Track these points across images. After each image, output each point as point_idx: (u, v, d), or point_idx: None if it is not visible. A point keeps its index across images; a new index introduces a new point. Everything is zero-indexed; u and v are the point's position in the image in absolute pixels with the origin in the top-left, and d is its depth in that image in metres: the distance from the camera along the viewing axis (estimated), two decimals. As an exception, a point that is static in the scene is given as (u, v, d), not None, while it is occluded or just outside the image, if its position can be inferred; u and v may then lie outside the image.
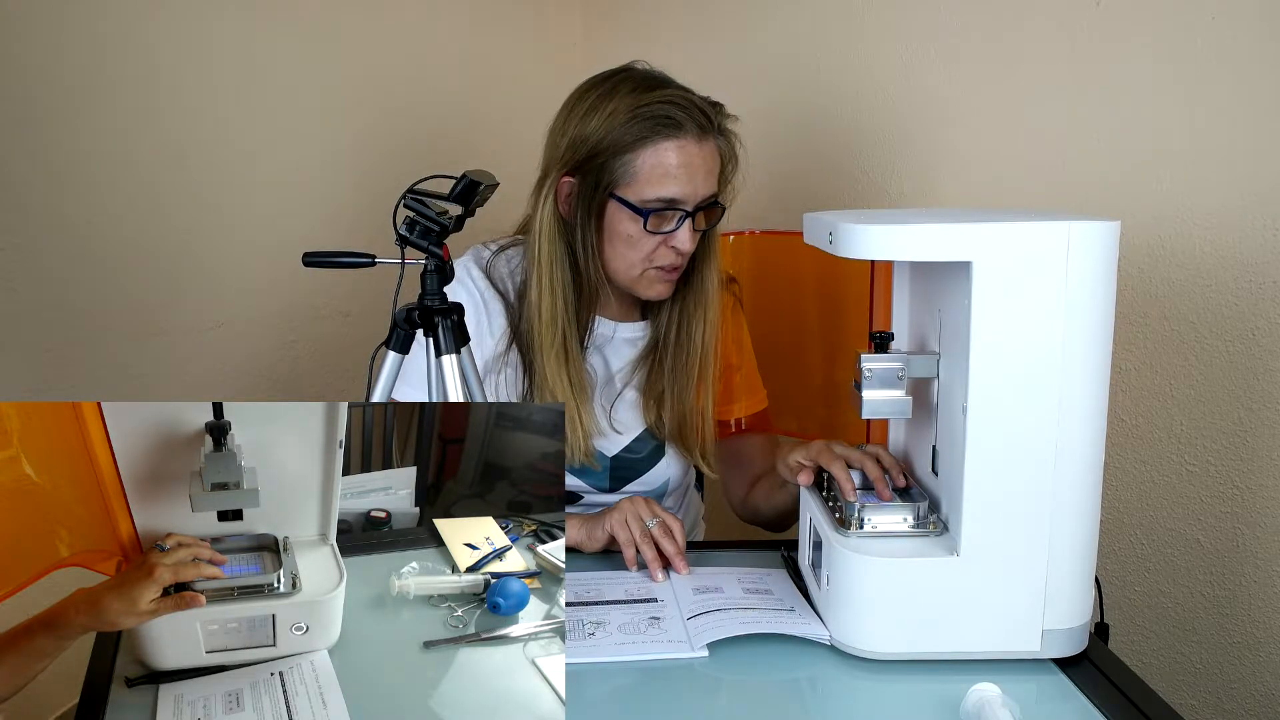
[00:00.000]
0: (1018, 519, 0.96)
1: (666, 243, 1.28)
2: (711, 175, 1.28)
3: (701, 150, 1.26)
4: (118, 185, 1.68)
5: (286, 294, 1.88)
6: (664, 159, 1.24)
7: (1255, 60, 1.29)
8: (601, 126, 1.25)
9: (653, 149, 1.24)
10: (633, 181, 1.25)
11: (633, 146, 1.24)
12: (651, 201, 1.25)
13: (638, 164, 1.25)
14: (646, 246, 1.28)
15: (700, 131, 1.26)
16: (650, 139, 1.24)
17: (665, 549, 1.18)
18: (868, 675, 0.98)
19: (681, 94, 1.27)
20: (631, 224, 1.27)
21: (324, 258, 1.06)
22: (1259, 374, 1.32)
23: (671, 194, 1.25)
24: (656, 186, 1.25)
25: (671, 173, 1.25)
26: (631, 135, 1.24)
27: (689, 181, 1.25)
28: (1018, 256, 0.92)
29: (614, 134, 1.24)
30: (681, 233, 1.27)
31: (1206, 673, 1.42)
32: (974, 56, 1.58)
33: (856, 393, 1.06)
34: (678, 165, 1.25)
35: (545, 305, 1.30)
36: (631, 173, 1.25)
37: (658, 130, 1.24)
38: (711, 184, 1.29)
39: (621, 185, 1.26)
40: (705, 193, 1.28)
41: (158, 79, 1.70)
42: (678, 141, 1.25)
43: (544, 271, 1.30)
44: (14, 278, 1.59)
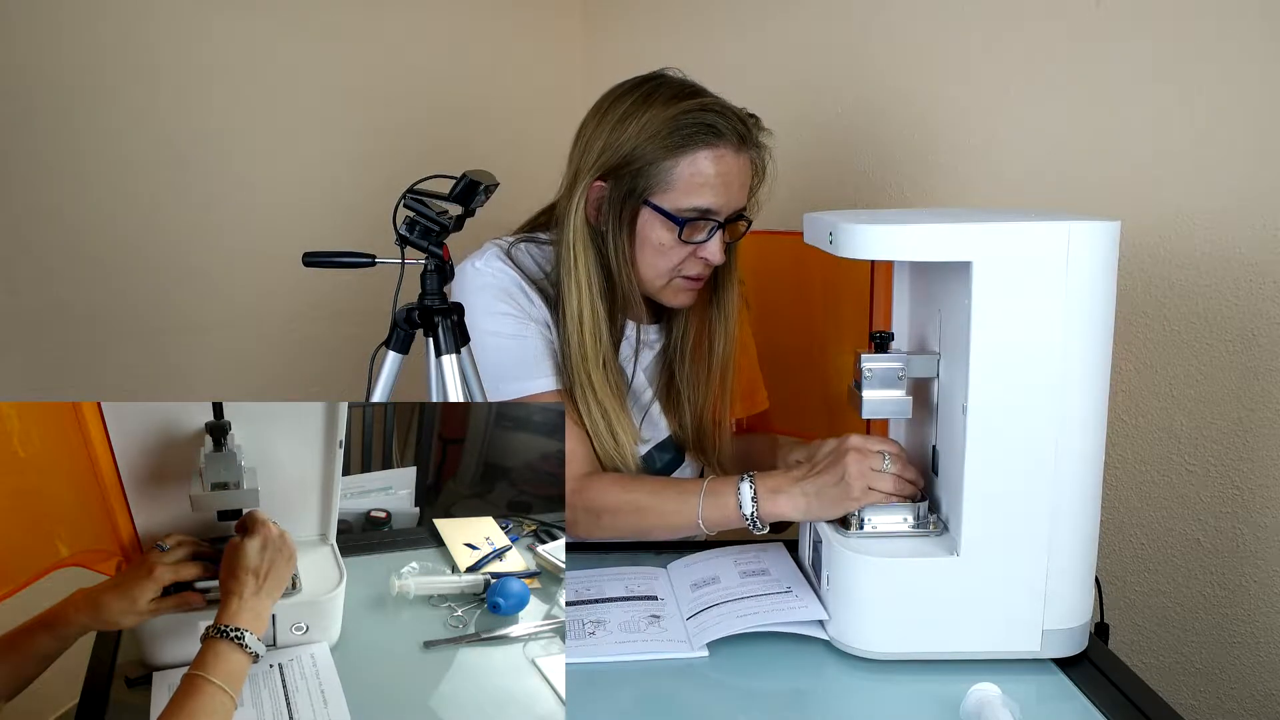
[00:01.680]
0: (1018, 519, 0.96)
1: (697, 253, 1.27)
2: (744, 187, 1.28)
3: (739, 161, 1.26)
4: (118, 185, 1.68)
5: (286, 294, 1.88)
6: (702, 168, 1.23)
7: (1255, 60, 1.29)
8: (639, 133, 1.24)
9: (691, 157, 1.23)
10: (669, 189, 1.24)
11: (671, 154, 1.23)
12: (686, 210, 1.24)
13: (676, 172, 1.24)
14: (677, 256, 1.27)
15: (739, 142, 1.25)
16: (689, 147, 1.23)
17: (908, 476, 1.08)
18: (868, 675, 0.99)
19: (721, 104, 1.26)
20: (665, 232, 1.26)
21: (324, 258, 1.06)
22: (1259, 374, 1.32)
23: (707, 204, 1.24)
24: (693, 196, 1.24)
25: (709, 182, 1.24)
26: (671, 143, 1.23)
27: (725, 192, 1.25)
28: (1018, 256, 0.92)
29: (652, 141, 1.23)
30: (713, 244, 1.27)
31: (1206, 672, 1.42)
32: (974, 56, 1.58)
33: (856, 393, 1.06)
34: (715, 175, 1.24)
35: (587, 316, 1.28)
36: (669, 180, 1.24)
37: (697, 139, 1.23)
38: (743, 196, 1.28)
39: (657, 193, 1.25)
40: (738, 204, 1.28)
41: (158, 79, 1.70)
42: (716, 151, 1.24)
43: (582, 280, 1.28)
44: (14, 278, 1.59)
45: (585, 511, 1.23)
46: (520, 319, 1.28)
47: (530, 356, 1.27)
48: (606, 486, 1.24)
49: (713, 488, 1.16)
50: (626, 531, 1.22)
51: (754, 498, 1.12)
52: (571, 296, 1.28)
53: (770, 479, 1.13)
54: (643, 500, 1.20)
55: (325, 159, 1.92)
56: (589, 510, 1.22)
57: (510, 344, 1.27)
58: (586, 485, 1.24)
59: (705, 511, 1.15)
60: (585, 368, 1.28)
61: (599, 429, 1.29)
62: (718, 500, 1.15)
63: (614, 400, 1.29)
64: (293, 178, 1.88)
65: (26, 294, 1.60)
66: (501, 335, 1.27)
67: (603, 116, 1.28)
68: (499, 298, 1.28)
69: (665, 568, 1.19)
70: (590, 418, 1.29)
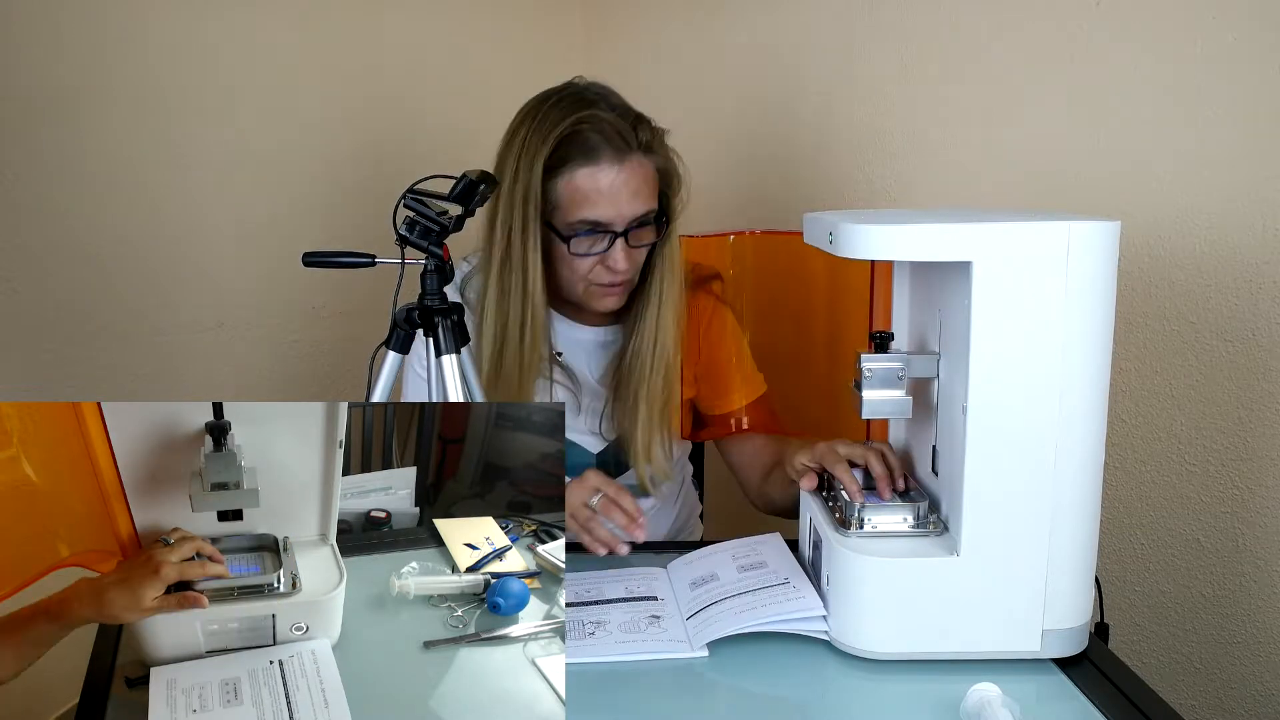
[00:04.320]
0: (1018, 519, 0.96)
1: (602, 262, 1.30)
2: (639, 194, 1.28)
3: (622, 171, 1.26)
4: (117, 185, 1.68)
5: (286, 294, 1.88)
6: (581, 184, 1.26)
7: (1255, 60, 1.29)
8: (522, 156, 1.27)
9: (567, 177, 1.26)
10: (556, 207, 1.28)
11: (550, 175, 1.26)
12: (577, 225, 1.27)
13: (557, 191, 1.27)
14: (582, 267, 1.30)
15: (616, 153, 1.26)
16: (565, 167, 1.26)
17: (617, 522, 1.20)
18: (868, 675, 0.98)
19: (596, 116, 1.27)
20: (562, 246, 1.29)
21: (324, 258, 1.06)
22: (1259, 374, 1.32)
23: (594, 217, 1.27)
24: (577, 211, 1.27)
25: (590, 198, 1.26)
26: (550, 164, 1.26)
27: (611, 204, 1.26)
28: (1018, 256, 0.92)
29: (534, 164, 1.26)
30: (614, 253, 1.29)
31: (1206, 672, 1.42)
32: (974, 56, 1.58)
33: (856, 393, 1.06)
34: (595, 190, 1.26)
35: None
36: (553, 199, 1.27)
37: (572, 158, 1.26)
38: (640, 202, 1.29)
39: (548, 211, 1.28)
40: (634, 212, 1.28)
41: (158, 79, 1.70)
42: (592, 167, 1.26)
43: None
44: (14, 278, 1.59)
45: None
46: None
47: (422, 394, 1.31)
48: None
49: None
50: None
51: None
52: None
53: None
54: None
55: (325, 159, 1.92)
56: None
57: (415, 380, 1.34)
58: None
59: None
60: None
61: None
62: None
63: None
64: (293, 178, 1.88)
65: (26, 294, 1.61)
66: (413, 371, 1.34)
67: (508, 138, 1.31)
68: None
69: (665, 567, 1.19)
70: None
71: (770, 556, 1.15)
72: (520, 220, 1.27)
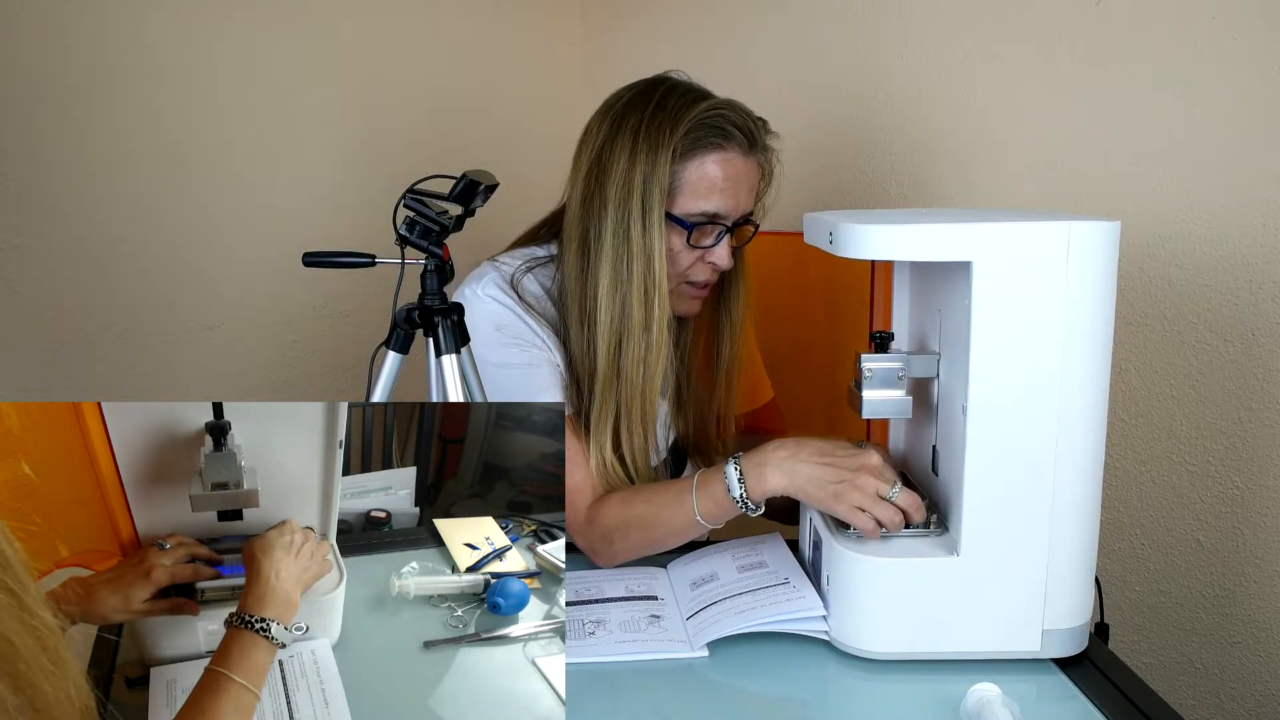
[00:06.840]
0: (1018, 519, 0.96)
1: (704, 258, 1.26)
2: (752, 191, 1.27)
3: (747, 165, 1.24)
4: (118, 185, 1.68)
5: (286, 294, 1.88)
6: (710, 172, 1.22)
7: (1255, 60, 1.29)
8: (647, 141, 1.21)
9: (699, 162, 1.22)
10: (677, 194, 1.23)
11: (679, 158, 1.22)
12: (695, 215, 1.23)
13: (684, 176, 1.22)
14: (684, 261, 1.26)
15: (748, 145, 1.24)
16: (697, 152, 1.22)
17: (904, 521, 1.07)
18: (868, 675, 0.99)
19: (730, 105, 1.24)
20: (674, 237, 1.24)
21: (324, 258, 1.06)
22: (1259, 374, 1.32)
23: (715, 208, 1.23)
24: (702, 200, 1.23)
25: (718, 186, 1.23)
26: (680, 147, 1.21)
27: (733, 196, 1.24)
28: (1018, 256, 0.92)
29: (661, 147, 1.21)
30: (720, 249, 1.25)
31: (1206, 672, 1.42)
32: (974, 56, 1.58)
33: (856, 393, 1.06)
34: (723, 179, 1.23)
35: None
36: (677, 185, 1.22)
37: (706, 143, 1.22)
38: (751, 200, 1.27)
39: (666, 197, 1.23)
40: (745, 209, 1.27)
41: (158, 79, 1.70)
42: (725, 154, 1.22)
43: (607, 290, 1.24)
44: (14, 278, 1.59)
45: (601, 539, 1.21)
46: (525, 348, 1.26)
47: (539, 384, 1.25)
48: (609, 508, 1.21)
49: (703, 479, 1.14)
50: (639, 546, 1.20)
51: (740, 479, 1.10)
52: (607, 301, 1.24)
53: (755, 455, 1.11)
54: (643, 512, 1.19)
55: (325, 159, 1.92)
56: (603, 537, 1.20)
57: (518, 374, 1.26)
58: (593, 514, 1.22)
59: (700, 504, 1.13)
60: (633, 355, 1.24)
61: (628, 428, 1.25)
62: (709, 490, 1.13)
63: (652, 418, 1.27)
64: (293, 178, 1.88)
65: (26, 294, 1.60)
66: (510, 366, 1.25)
67: (610, 124, 1.25)
68: (502, 328, 1.26)
69: (665, 567, 1.20)
70: (613, 423, 1.25)
71: (770, 556, 1.15)
72: (640, 206, 1.21)
